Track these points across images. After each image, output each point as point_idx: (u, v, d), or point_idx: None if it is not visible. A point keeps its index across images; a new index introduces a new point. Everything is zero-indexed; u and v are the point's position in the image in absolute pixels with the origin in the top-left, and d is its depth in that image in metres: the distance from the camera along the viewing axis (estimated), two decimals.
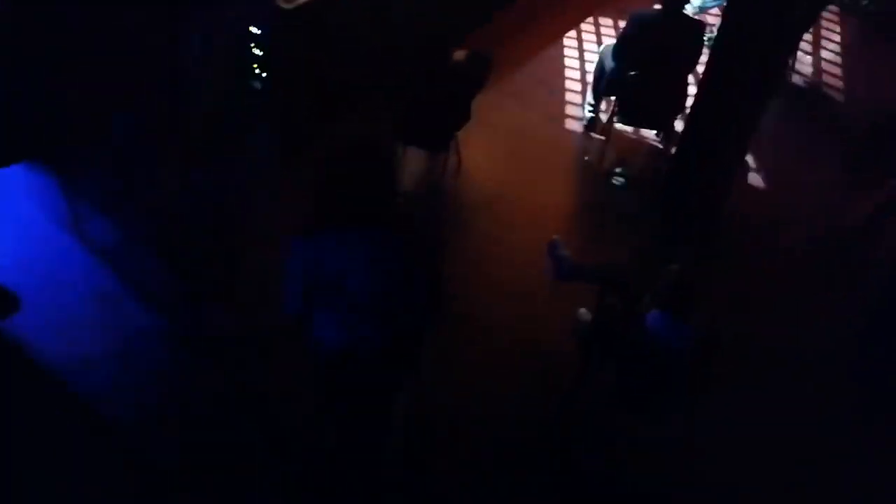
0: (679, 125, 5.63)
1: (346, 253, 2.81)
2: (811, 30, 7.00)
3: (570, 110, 6.19)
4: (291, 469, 3.89)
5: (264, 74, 5.09)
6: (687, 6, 5.35)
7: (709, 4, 6.97)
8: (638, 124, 5.82)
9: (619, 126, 5.74)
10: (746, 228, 5.50)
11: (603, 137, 5.81)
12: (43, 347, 4.21)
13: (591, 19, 6.99)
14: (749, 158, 5.84)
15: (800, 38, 6.52)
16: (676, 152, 5.34)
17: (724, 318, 4.31)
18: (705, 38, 5.50)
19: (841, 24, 7.35)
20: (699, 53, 5.37)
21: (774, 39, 4.56)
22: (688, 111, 5.28)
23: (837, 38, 7.22)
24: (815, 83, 6.75)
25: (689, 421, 3.87)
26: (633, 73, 5.28)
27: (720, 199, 5.33)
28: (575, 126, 6.11)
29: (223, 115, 5.28)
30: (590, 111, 6.02)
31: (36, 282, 4.49)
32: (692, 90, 5.36)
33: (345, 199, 2.75)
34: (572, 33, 6.87)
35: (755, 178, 5.85)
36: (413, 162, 5.50)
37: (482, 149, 5.75)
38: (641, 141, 6.04)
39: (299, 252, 2.85)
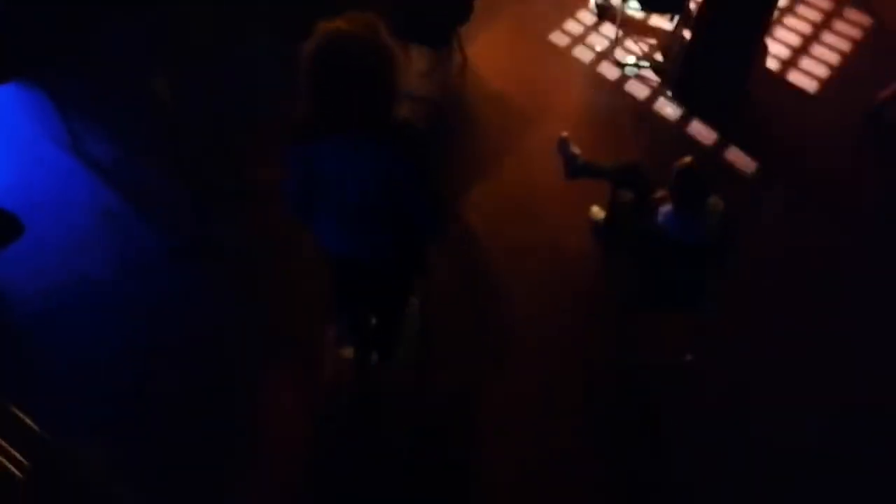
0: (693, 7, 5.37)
1: (343, 159, 2.67)
2: None
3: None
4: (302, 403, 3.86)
5: None
6: None
7: None
8: (652, 8, 5.54)
9: (630, 12, 5.47)
10: (767, 114, 5.29)
11: (615, 24, 5.55)
12: (47, 269, 4.18)
13: None
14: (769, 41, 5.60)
15: None
16: (693, 34, 5.09)
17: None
18: None
19: None
20: None
21: None
22: None
23: None
24: None
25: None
26: None
27: (740, 80, 5.14)
28: (585, 14, 5.84)
29: (218, 17, 5.10)
30: None
31: (37, 203, 4.45)
32: None
33: (334, 98, 2.53)
34: None
35: (774, 61, 5.59)
36: (416, 61, 5.31)
37: (488, 44, 5.53)
38: (654, 27, 5.77)
39: (296, 157, 2.72)
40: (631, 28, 5.65)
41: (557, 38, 5.68)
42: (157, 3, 4.95)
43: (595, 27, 5.78)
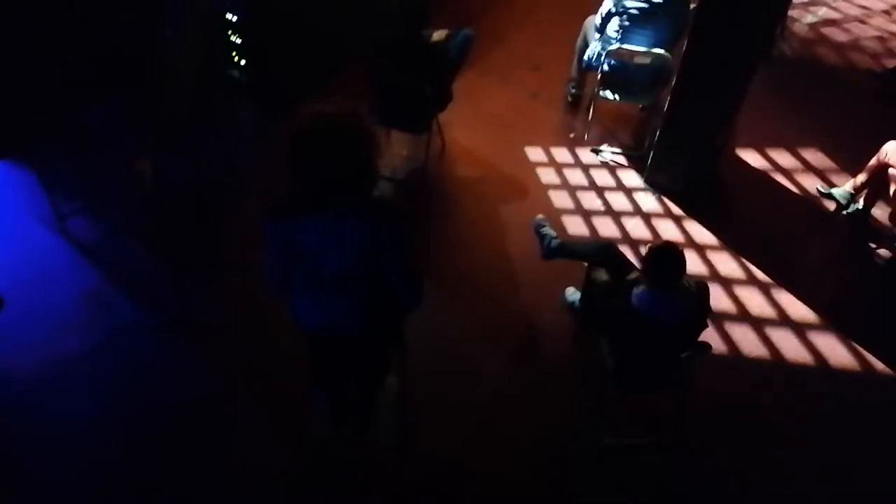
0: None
1: (323, 232, 2.77)
2: None
3: (553, 86, 6.14)
4: (286, 460, 3.87)
5: (243, 62, 5.04)
6: None
7: None
8: (622, 97, 5.76)
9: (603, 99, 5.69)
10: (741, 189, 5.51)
11: (588, 112, 5.77)
12: (31, 345, 4.19)
13: None
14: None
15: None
16: (665, 120, 5.29)
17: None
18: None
19: None
20: (686, 20, 5.29)
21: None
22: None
23: None
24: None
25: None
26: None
27: (711, 165, 5.33)
28: (559, 102, 6.07)
29: (201, 103, 5.24)
30: (573, 86, 5.97)
31: (20, 281, 4.47)
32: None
33: (315, 176, 2.64)
34: (552, 7, 6.81)
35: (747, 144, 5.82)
36: (397, 145, 5.47)
37: (466, 129, 5.71)
38: (626, 114, 5.99)
39: (276, 234, 2.82)
40: (605, 115, 5.86)
41: (533, 124, 5.88)
42: (139, 81, 5.08)
43: (569, 113, 5.99)
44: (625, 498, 3.86)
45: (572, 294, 4.54)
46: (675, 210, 5.29)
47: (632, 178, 5.52)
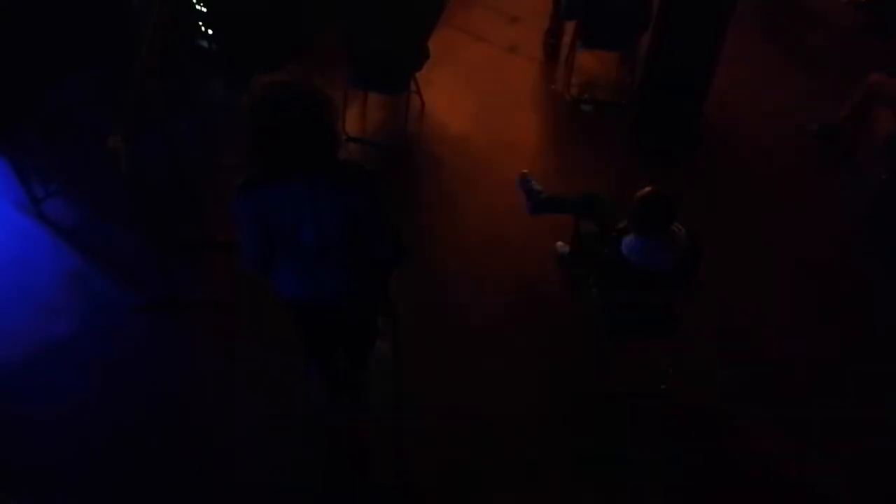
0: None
1: (298, 204, 2.72)
2: None
3: (530, 39, 6.03)
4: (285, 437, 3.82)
5: (210, 31, 4.92)
6: None
7: None
8: (602, 46, 5.67)
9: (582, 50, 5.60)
10: (724, 136, 5.43)
11: (568, 64, 5.68)
12: (12, 332, 4.12)
13: None
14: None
15: None
16: (645, 68, 5.21)
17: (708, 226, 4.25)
18: None
19: None
20: None
21: None
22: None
23: None
24: None
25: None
26: None
27: (695, 108, 5.26)
28: (538, 55, 5.97)
29: (173, 75, 5.11)
30: (552, 37, 5.87)
31: (1, 267, 4.39)
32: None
33: (279, 144, 2.60)
34: None
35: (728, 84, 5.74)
36: (375, 108, 5.38)
37: (446, 87, 5.62)
38: (605, 64, 5.90)
39: (249, 210, 2.75)
40: (584, 66, 5.77)
41: (512, 79, 5.79)
42: (109, 58, 4.95)
43: (548, 65, 5.90)
44: (621, 444, 3.83)
45: (563, 247, 4.49)
46: (661, 157, 5.22)
47: (615, 126, 5.44)
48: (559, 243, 4.51)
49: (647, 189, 3.53)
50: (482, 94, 5.65)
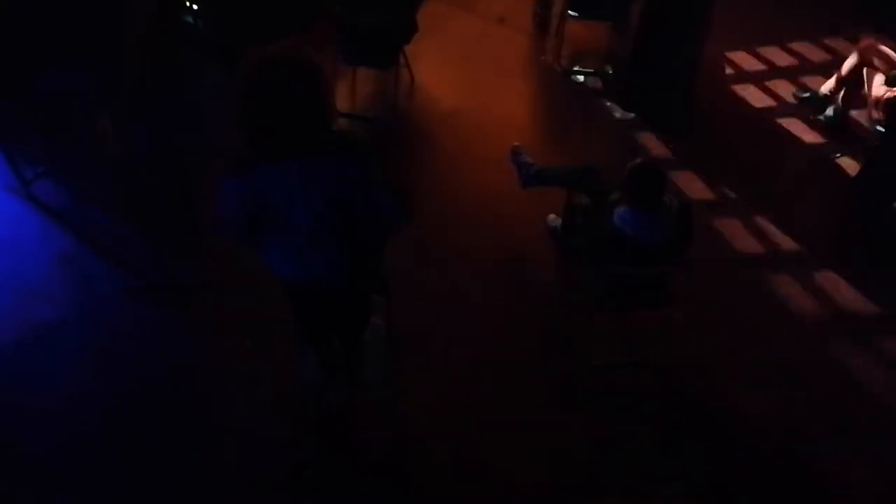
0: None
1: (290, 184, 2.67)
2: None
3: (519, 9, 5.97)
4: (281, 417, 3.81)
5: (195, 7, 4.85)
6: None
7: None
8: (592, 16, 5.62)
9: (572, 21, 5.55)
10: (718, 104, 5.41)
11: (558, 34, 5.63)
12: (3, 317, 4.08)
13: None
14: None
15: None
16: (635, 37, 5.16)
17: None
18: None
19: None
20: None
21: None
22: None
23: None
24: None
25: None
26: None
27: (686, 78, 5.22)
28: (527, 26, 5.91)
29: (162, 55, 5.06)
30: (541, 7, 5.82)
31: None
32: None
33: (273, 127, 2.53)
34: None
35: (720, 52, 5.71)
36: (364, 83, 5.33)
37: (435, 61, 5.57)
38: (595, 33, 5.85)
39: (239, 187, 2.70)
40: (574, 36, 5.72)
41: (502, 51, 5.74)
42: (97, 43, 4.90)
43: (538, 36, 5.85)
44: (615, 416, 3.85)
45: (555, 220, 4.48)
46: (653, 128, 5.20)
47: (607, 98, 5.41)
48: (551, 216, 4.50)
49: (639, 161, 3.53)
50: (472, 67, 5.60)
